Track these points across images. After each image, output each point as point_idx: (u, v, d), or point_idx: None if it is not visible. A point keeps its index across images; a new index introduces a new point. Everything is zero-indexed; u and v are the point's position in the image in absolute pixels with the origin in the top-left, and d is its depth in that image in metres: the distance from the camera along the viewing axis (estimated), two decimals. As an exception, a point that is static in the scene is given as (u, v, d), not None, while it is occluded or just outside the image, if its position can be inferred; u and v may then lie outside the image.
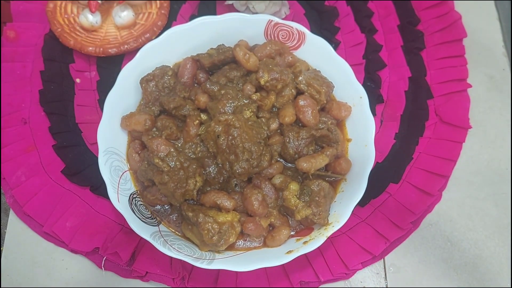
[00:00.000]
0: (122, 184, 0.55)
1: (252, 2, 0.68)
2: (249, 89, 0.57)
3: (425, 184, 0.63)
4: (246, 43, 0.60)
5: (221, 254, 0.53)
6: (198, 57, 0.59)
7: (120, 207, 0.52)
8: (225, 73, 0.58)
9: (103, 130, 0.55)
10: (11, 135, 0.64)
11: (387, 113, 0.67)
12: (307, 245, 0.51)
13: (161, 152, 0.52)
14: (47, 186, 0.61)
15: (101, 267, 0.58)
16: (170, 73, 0.58)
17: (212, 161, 0.55)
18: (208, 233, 0.50)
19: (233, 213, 0.52)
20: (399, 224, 0.60)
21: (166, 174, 0.51)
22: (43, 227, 0.59)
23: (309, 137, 0.55)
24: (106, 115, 0.55)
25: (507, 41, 0.74)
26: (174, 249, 0.51)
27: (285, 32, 0.61)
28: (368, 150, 0.55)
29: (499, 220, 0.63)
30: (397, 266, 0.60)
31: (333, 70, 0.60)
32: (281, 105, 0.57)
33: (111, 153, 0.55)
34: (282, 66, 0.58)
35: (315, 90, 0.57)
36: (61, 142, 0.63)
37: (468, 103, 0.68)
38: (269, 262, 0.50)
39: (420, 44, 0.71)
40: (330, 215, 0.53)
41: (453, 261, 0.61)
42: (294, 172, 0.57)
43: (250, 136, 0.52)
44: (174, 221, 0.56)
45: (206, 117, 0.57)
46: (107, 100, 0.55)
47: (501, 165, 0.66)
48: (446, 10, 0.73)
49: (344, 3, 0.74)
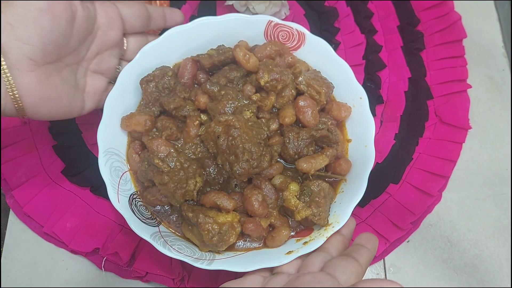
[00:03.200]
0: (122, 184, 0.55)
1: (252, 2, 0.68)
2: (249, 89, 0.57)
3: (425, 185, 0.63)
4: (246, 44, 0.61)
5: (221, 254, 0.53)
6: (198, 58, 0.59)
7: (120, 208, 0.52)
8: (225, 73, 0.58)
9: (103, 130, 0.55)
10: (11, 136, 0.64)
11: (387, 114, 0.67)
12: (307, 246, 0.51)
13: (161, 153, 0.52)
14: (47, 187, 0.61)
15: (101, 267, 0.58)
16: (170, 73, 0.58)
17: (212, 162, 0.55)
18: (208, 234, 0.50)
19: (233, 214, 0.52)
20: (399, 225, 0.60)
21: (166, 174, 0.51)
22: (43, 227, 0.59)
23: (309, 138, 0.55)
24: (106, 115, 0.55)
25: (507, 42, 0.74)
26: (174, 250, 0.51)
27: (285, 32, 0.61)
28: (368, 150, 0.55)
29: (499, 220, 0.63)
30: (397, 267, 0.60)
31: (333, 70, 0.60)
32: (281, 105, 0.57)
33: (111, 154, 0.55)
34: (282, 67, 0.58)
35: (315, 90, 0.57)
36: (61, 143, 0.63)
37: (468, 104, 0.68)
38: (269, 263, 0.50)
39: (420, 44, 0.71)
40: (330, 215, 0.53)
41: (453, 262, 0.61)
42: (294, 172, 0.57)
43: (250, 136, 0.52)
44: (174, 222, 0.56)
45: (206, 117, 0.57)
46: (107, 101, 0.55)
47: (501, 165, 0.66)
48: (446, 11, 0.73)
49: (344, 4, 0.74)
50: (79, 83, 0.52)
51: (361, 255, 0.44)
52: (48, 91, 0.47)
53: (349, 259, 0.44)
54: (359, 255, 0.44)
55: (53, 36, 0.45)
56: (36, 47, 0.44)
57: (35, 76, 0.45)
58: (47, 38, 0.44)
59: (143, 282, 0.58)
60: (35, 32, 0.44)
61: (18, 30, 0.43)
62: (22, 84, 0.45)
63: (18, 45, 0.43)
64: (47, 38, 0.44)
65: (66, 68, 0.50)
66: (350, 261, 0.43)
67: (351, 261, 0.43)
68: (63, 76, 0.49)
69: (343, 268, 0.42)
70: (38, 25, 0.44)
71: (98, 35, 0.52)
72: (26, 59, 0.44)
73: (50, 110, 0.49)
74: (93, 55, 0.53)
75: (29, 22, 0.43)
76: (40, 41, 0.44)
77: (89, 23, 0.49)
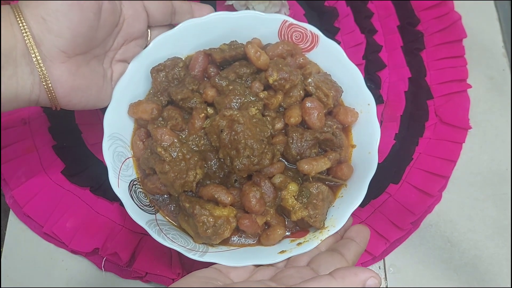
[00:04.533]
0: (124, 170, 0.55)
1: (252, 2, 0.68)
2: (257, 86, 0.57)
3: (425, 185, 0.63)
4: (259, 41, 0.61)
5: (215, 247, 0.53)
6: (210, 52, 0.59)
7: (119, 192, 0.52)
8: (235, 69, 0.58)
9: (110, 115, 0.55)
10: (11, 136, 0.64)
11: (387, 114, 0.67)
12: (300, 247, 0.51)
13: (165, 142, 0.53)
14: (47, 187, 0.62)
15: (101, 267, 0.58)
16: (181, 64, 0.59)
17: (214, 155, 0.55)
18: (203, 226, 0.50)
19: (230, 208, 0.52)
20: (399, 225, 0.60)
21: (167, 163, 0.52)
22: (43, 227, 0.60)
23: (312, 140, 0.55)
24: (114, 101, 0.56)
25: (507, 41, 0.74)
26: (168, 239, 0.51)
27: (299, 33, 0.61)
28: (371, 157, 0.55)
29: (499, 220, 0.63)
30: (397, 267, 0.60)
31: (344, 75, 0.60)
32: (288, 105, 0.57)
33: (116, 139, 0.56)
34: (293, 67, 0.58)
35: (323, 93, 0.57)
36: (61, 143, 0.63)
37: (468, 104, 0.68)
38: (261, 260, 0.50)
39: (420, 44, 0.71)
40: (327, 219, 0.53)
41: (453, 262, 0.61)
42: (295, 173, 0.57)
43: (253, 133, 0.52)
44: (172, 211, 0.56)
45: (212, 111, 0.57)
46: (116, 86, 0.56)
47: (501, 165, 0.66)
48: (446, 11, 0.73)
49: (344, 4, 0.74)
50: (106, 73, 0.54)
51: (349, 249, 0.45)
52: (79, 81, 0.49)
53: (335, 254, 0.44)
54: (346, 250, 0.45)
55: (82, 29, 0.47)
56: (67, 39, 0.46)
57: (66, 67, 0.47)
58: (77, 31, 0.46)
59: (143, 282, 0.58)
60: (65, 26, 0.46)
61: (50, 23, 0.45)
62: (54, 75, 0.47)
63: (50, 38, 0.45)
64: (77, 30, 0.46)
65: (94, 59, 0.52)
66: (336, 257, 0.44)
67: (337, 256, 0.44)
68: (91, 66, 0.51)
69: (328, 264, 0.43)
70: (68, 19, 0.45)
71: (124, 27, 0.54)
72: (58, 52, 0.46)
73: (81, 100, 0.51)
74: (119, 45, 0.55)
75: (60, 16, 0.45)
76: (70, 33, 0.46)
77: (115, 15, 0.51)
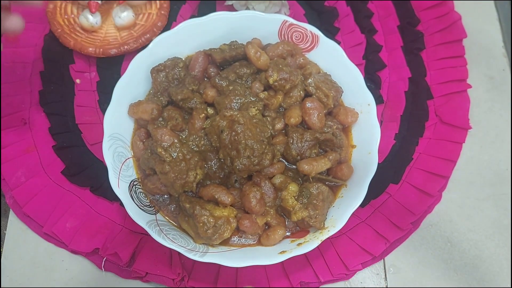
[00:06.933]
0: (124, 170, 0.55)
1: (252, 2, 0.68)
2: (257, 87, 0.57)
3: (425, 185, 0.63)
4: (259, 42, 0.61)
5: (215, 248, 0.53)
6: (210, 52, 0.59)
7: (119, 192, 0.52)
8: (235, 69, 0.58)
9: (110, 115, 0.55)
10: (11, 136, 0.64)
11: (387, 114, 0.67)
12: (300, 247, 0.51)
13: (165, 142, 0.53)
14: (47, 187, 0.61)
15: (101, 267, 0.58)
16: (181, 65, 0.59)
17: (215, 156, 0.55)
18: (203, 226, 0.50)
19: (230, 209, 0.52)
20: (399, 225, 0.60)
21: (167, 164, 0.52)
22: (43, 227, 0.59)
23: (313, 140, 0.55)
24: (114, 101, 0.56)
25: (507, 41, 0.74)
26: (168, 239, 0.51)
27: (299, 33, 0.61)
28: (371, 158, 0.55)
29: (499, 220, 0.63)
30: (397, 267, 0.60)
31: (344, 75, 0.60)
32: (288, 105, 0.57)
33: (116, 139, 0.56)
34: (293, 67, 0.58)
35: (324, 93, 0.57)
36: (61, 143, 0.63)
37: (468, 104, 0.68)
38: (261, 261, 0.50)
39: (420, 44, 0.71)
40: (327, 219, 0.53)
41: (453, 262, 0.61)
42: (295, 173, 0.57)
43: (253, 133, 0.52)
44: (172, 212, 0.56)
45: (212, 111, 0.57)
46: (116, 86, 0.56)
47: (501, 165, 0.66)
48: (446, 11, 0.73)
49: (344, 4, 0.74)
50: None
51: None
52: None
53: None
54: None
55: None
56: None
57: None
58: None
59: (143, 282, 0.58)
60: None
61: None
62: None
63: None
64: None
65: None
66: None
67: None
68: None
69: None
70: None
71: None
72: None
73: None
74: None
75: None
76: None
77: None
